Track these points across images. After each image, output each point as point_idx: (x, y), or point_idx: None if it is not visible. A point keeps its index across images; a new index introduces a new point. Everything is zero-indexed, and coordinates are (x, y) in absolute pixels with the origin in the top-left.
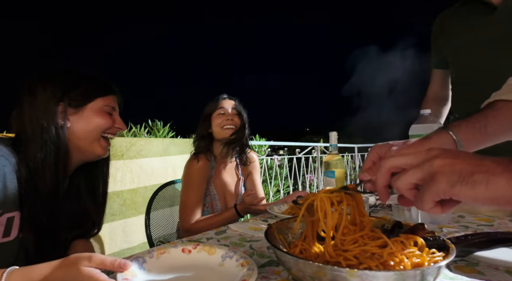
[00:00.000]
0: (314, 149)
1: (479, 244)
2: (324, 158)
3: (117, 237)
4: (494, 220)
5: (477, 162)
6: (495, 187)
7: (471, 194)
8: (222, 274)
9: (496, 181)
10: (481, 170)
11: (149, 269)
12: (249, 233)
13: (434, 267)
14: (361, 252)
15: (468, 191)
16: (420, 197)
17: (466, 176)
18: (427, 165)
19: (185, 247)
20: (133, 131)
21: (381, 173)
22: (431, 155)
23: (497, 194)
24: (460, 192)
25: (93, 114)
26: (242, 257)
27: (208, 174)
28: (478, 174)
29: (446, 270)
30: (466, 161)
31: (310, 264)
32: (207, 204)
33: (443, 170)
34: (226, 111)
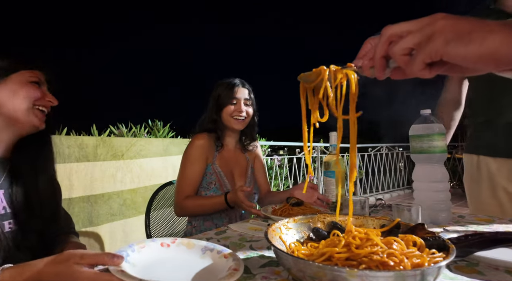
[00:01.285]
0: (314, 149)
1: (479, 244)
2: (324, 158)
3: (117, 237)
4: (494, 220)
5: (480, 22)
6: (490, 43)
7: (463, 51)
8: (206, 265)
9: (492, 38)
10: (481, 28)
11: (133, 263)
12: (249, 233)
13: (434, 267)
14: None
15: (461, 49)
16: (412, 59)
17: (464, 34)
18: (428, 28)
19: (163, 241)
20: (133, 131)
21: (381, 42)
22: (435, 18)
23: (490, 50)
24: (453, 50)
25: (18, 85)
26: (224, 250)
27: (210, 153)
28: (477, 32)
29: (446, 270)
30: (469, 21)
31: (310, 264)
32: (214, 182)
33: (443, 29)
34: (238, 101)
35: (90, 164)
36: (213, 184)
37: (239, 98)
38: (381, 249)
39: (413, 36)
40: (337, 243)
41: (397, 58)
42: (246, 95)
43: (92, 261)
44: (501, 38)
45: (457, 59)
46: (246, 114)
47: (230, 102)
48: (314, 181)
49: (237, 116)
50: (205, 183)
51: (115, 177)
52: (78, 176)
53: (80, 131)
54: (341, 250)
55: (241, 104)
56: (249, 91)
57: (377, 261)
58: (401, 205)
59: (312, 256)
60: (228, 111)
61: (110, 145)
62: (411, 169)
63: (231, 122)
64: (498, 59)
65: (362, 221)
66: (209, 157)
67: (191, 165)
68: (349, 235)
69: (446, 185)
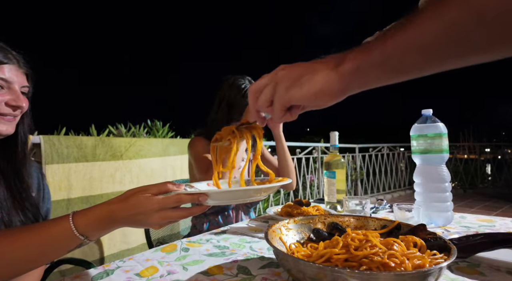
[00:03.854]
0: (315, 149)
1: (480, 245)
2: (325, 159)
3: (116, 238)
4: (496, 221)
5: (308, 66)
6: (315, 83)
7: (299, 94)
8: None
9: (317, 78)
10: (308, 71)
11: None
12: (249, 234)
13: (435, 268)
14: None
15: (297, 92)
16: (273, 109)
17: (296, 80)
18: (273, 80)
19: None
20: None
21: (250, 99)
22: (277, 70)
23: (317, 89)
24: (293, 95)
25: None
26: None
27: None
28: (306, 76)
29: (447, 271)
30: (301, 67)
31: (310, 265)
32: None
33: (282, 79)
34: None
35: (89, 164)
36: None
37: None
38: (381, 250)
39: (266, 89)
40: (336, 244)
41: (264, 110)
42: None
43: (156, 190)
44: (322, 77)
45: (299, 101)
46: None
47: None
48: (314, 181)
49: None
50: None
51: (114, 178)
52: (77, 176)
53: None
54: (340, 251)
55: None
56: None
57: (378, 262)
58: (402, 206)
59: (311, 258)
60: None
61: (109, 145)
62: (413, 170)
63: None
64: (328, 94)
65: (363, 221)
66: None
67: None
68: (348, 237)
69: (448, 185)
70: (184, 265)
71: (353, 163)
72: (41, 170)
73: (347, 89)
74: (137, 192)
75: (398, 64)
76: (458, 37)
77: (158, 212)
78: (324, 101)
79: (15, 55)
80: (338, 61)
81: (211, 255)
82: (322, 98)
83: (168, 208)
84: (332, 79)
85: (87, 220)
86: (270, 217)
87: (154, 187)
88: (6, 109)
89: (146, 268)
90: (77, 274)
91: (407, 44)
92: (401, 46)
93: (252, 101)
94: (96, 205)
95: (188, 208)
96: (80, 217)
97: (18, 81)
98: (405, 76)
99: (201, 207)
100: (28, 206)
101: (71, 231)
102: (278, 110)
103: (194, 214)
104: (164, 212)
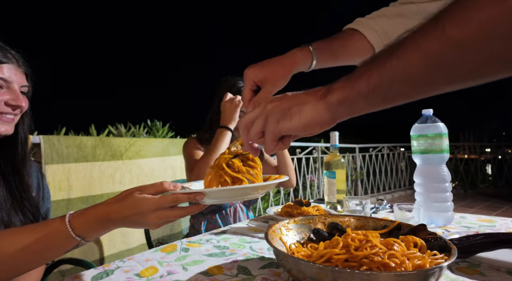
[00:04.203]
0: (315, 149)
1: (480, 245)
2: (325, 159)
3: (116, 239)
4: (496, 221)
5: (296, 98)
6: (305, 115)
7: (290, 125)
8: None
9: (306, 110)
10: (296, 103)
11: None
12: (249, 234)
13: (435, 268)
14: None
15: (288, 124)
16: (265, 140)
17: (285, 111)
18: (264, 113)
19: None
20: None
21: (241, 132)
22: (267, 103)
23: (307, 120)
24: (283, 126)
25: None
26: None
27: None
28: (294, 107)
29: (447, 272)
30: (289, 99)
31: (311, 265)
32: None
33: (272, 111)
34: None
35: (88, 165)
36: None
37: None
38: (381, 250)
39: (257, 122)
40: (336, 244)
41: (256, 142)
42: None
43: (153, 190)
44: (311, 109)
45: (290, 132)
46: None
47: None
48: (314, 181)
49: None
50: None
51: (114, 178)
52: (77, 176)
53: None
54: (340, 251)
55: None
56: None
57: (378, 263)
58: (403, 206)
59: (311, 258)
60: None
61: (109, 145)
62: (413, 170)
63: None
64: (317, 124)
65: (363, 222)
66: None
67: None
68: (348, 237)
69: (448, 185)
70: (184, 265)
71: (353, 163)
72: (41, 170)
73: (336, 118)
74: (133, 192)
75: (384, 94)
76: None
77: (155, 212)
78: (314, 130)
79: (14, 54)
80: (325, 92)
81: (211, 255)
82: (312, 128)
83: (165, 208)
84: (320, 109)
85: (83, 221)
86: (270, 217)
87: (151, 187)
88: (6, 109)
89: (146, 268)
90: (76, 274)
91: (391, 76)
92: (386, 77)
93: (244, 134)
94: (92, 205)
95: (185, 207)
96: (77, 218)
97: (17, 81)
98: (392, 103)
99: (198, 206)
100: (28, 206)
101: (67, 232)
102: (270, 142)
103: (191, 213)
104: (161, 211)
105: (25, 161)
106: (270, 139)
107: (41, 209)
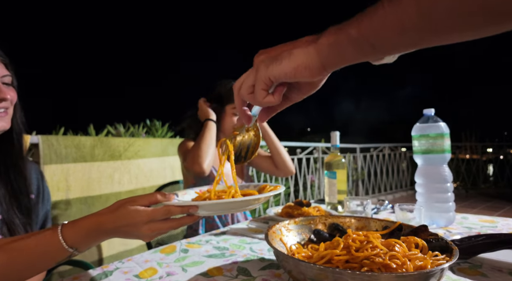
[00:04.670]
0: (316, 149)
1: (482, 246)
2: (326, 159)
3: (115, 240)
4: (498, 221)
5: (287, 44)
6: (295, 57)
7: (279, 69)
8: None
9: (296, 53)
10: (288, 48)
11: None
12: (249, 235)
13: (437, 269)
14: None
15: (278, 68)
16: (254, 91)
17: (277, 56)
18: (254, 65)
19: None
20: (131, 131)
21: (234, 96)
22: (256, 55)
23: (297, 63)
24: (273, 71)
25: None
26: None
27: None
28: (285, 52)
29: (449, 273)
30: (282, 46)
31: (311, 266)
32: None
33: (263, 59)
34: None
35: (87, 165)
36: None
37: None
38: (382, 251)
39: (249, 75)
40: (336, 245)
41: (246, 98)
42: None
43: (145, 201)
44: (301, 51)
45: (280, 77)
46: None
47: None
48: (315, 181)
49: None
50: (203, 183)
51: (112, 178)
52: (76, 177)
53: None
54: (341, 252)
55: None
56: None
57: (379, 264)
58: (404, 206)
59: (312, 259)
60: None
61: (108, 145)
62: (414, 170)
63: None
64: (307, 68)
65: (364, 222)
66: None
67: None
68: (349, 238)
69: (450, 186)
70: (184, 266)
71: (354, 163)
72: (41, 171)
73: (326, 64)
74: (125, 203)
75: (373, 41)
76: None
77: (147, 224)
78: (305, 76)
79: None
80: (316, 37)
81: (210, 256)
82: (302, 73)
83: (158, 220)
84: (310, 53)
85: (75, 232)
86: (270, 218)
87: (143, 198)
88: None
89: (145, 270)
90: (75, 276)
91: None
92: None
93: (236, 95)
94: (84, 216)
95: (179, 218)
96: (69, 229)
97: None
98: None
99: (191, 218)
100: (27, 202)
101: (60, 243)
102: (259, 91)
103: (184, 224)
104: (154, 224)
105: (22, 154)
106: (259, 87)
107: (41, 211)
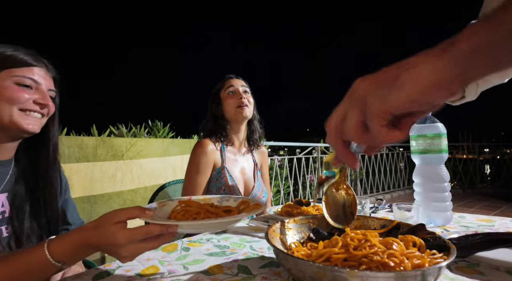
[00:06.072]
0: (315, 149)
1: (480, 244)
2: (325, 158)
3: None
4: (495, 220)
5: (399, 65)
6: (422, 77)
7: (404, 97)
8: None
9: (420, 72)
10: (402, 69)
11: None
12: (249, 233)
13: (434, 267)
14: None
15: (400, 96)
16: (370, 130)
17: (391, 83)
18: (354, 96)
19: (181, 199)
20: (133, 132)
21: (331, 137)
22: (354, 85)
23: (427, 81)
24: (395, 101)
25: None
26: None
27: (217, 157)
28: (402, 75)
29: (446, 271)
30: (387, 70)
31: (310, 264)
32: (223, 187)
33: (368, 90)
34: (236, 89)
35: (90, 165)
36: (222, 189)
37: (236, 86)
38: (380, 249)
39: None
40: (335, 244)
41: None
42: (243, 83)
43: (126, 217)
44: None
45: (406, 105)
46: (248, 101)
47: (227, 92)
48: (314, 181)
49: (239, 104)
50: (215, 188)
51: (115, 178)
52: (78, 176)
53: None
54: (339, 251)
55: (240, 91)
56: (244, 81)
57: (378, 262)
58: (402, 206)
59: (311, 257)
60: (230, 102)
61: (110, 145)
62: (412, 169)
63: (237, 113)
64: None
65: (362, 221)
66: (217, 161)
67: (197, 175)
68: (347, 236)
69: (447, 185)
70: (185, 264)
71: None
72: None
73: (466, 74)
74: (107, 221)
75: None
76: None
77: (125, 246)
78: (436, 98)
79: (44, 61)
80: (446, 46)
81: (211, 254)
82: (433, 94)
83: (137, 241)
84: (443, 66)
85: (62, 247)
86: (270, 217)
87: (123, 213)
88: (34, 107)
89: (147, 268)
90: (77, 274)
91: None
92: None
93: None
94: (70, 231)
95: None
96: (55, 245)
97: (45, 84)
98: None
99: (171, 234)
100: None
101: (47, 259)
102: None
103: (165, 243)
104: (132, 245)
105: (55, 166)
106: (377, 124)
107: (60, 202)
